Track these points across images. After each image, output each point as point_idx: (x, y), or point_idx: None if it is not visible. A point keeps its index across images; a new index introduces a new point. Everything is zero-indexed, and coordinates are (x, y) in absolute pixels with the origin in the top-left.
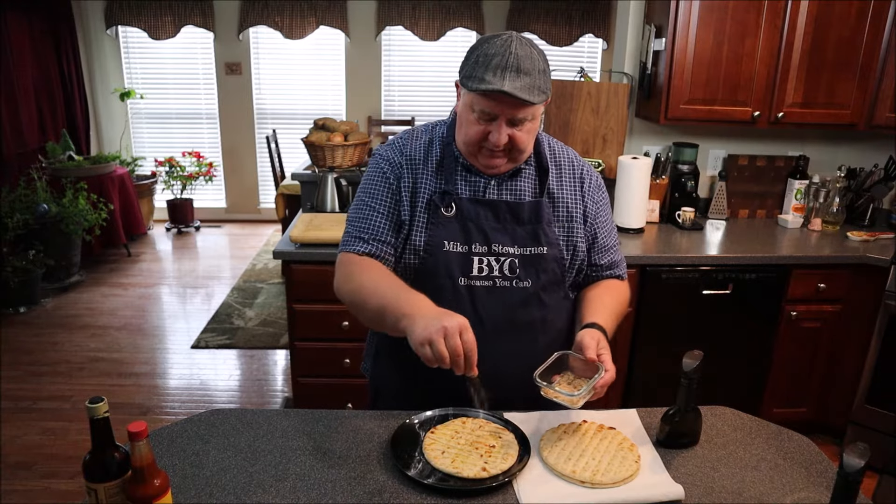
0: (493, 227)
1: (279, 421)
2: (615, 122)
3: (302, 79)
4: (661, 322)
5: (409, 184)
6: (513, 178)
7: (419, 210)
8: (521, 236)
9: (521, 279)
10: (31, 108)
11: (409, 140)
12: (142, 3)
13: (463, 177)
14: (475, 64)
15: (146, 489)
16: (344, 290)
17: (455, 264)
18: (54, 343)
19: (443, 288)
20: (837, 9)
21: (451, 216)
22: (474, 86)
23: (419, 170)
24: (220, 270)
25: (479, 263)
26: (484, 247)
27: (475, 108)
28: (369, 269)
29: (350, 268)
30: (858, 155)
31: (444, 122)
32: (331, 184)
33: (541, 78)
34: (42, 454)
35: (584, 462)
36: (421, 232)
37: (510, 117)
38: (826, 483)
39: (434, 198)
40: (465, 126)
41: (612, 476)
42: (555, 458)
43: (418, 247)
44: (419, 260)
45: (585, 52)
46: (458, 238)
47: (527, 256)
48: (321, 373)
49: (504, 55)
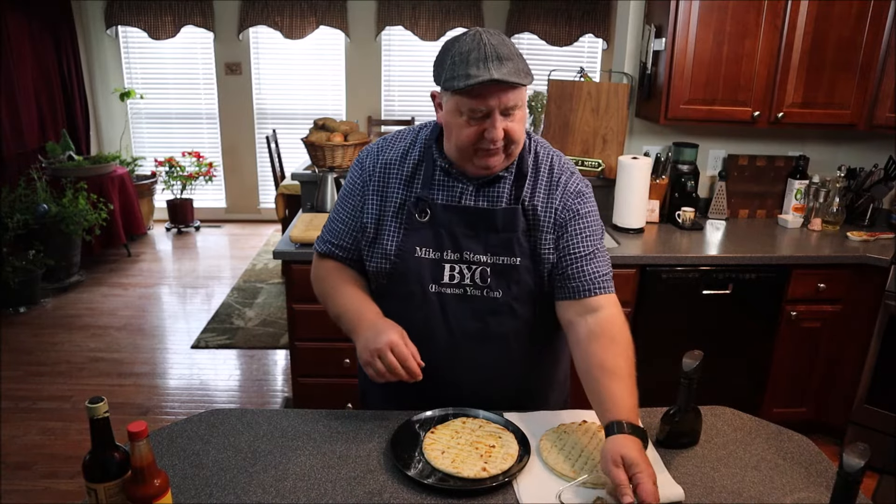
0: (465, 234)
1: (279, 421)
2: (615, 122)
3: (302, 79)
4: (661, 322)
5: (378, 188)
6: (491, 185)
7: (389, 215)
8: (493, 245)
9: (492, 289)
10: (31, 108)
11: (391, 142)
12: (142, 3)
13: (441, 182)
14: (453, 65)
15: (146, 489)
16: (314, 288)
17: (426, 270)
18: (54, 343)
19: (413, 294)
20: (837, 9)
21: (424, 222)
22: (461, 84)
23: (392, 174)
24: (220, 270)
25: (450, 271)
26: (455, 254)
27: (464, 111)
28: (330, 274)
29: (316, 270)
30: (858, 155)
31: (428, 124)
32: (331, 184)
33: (520, 61)
34: (42, 454)
35: (584, 462)
36: (392, 237)
37: (503, 108)
38: (826, 483)
39: (408, 203)
40: (455, 132)
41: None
42: (555, 458)
43: (389, 251)
44: (390, 265)
45: (585, 52)
46: (430, 244)
47: (498, 266)
48: (321, 373)
49: (479, 48)
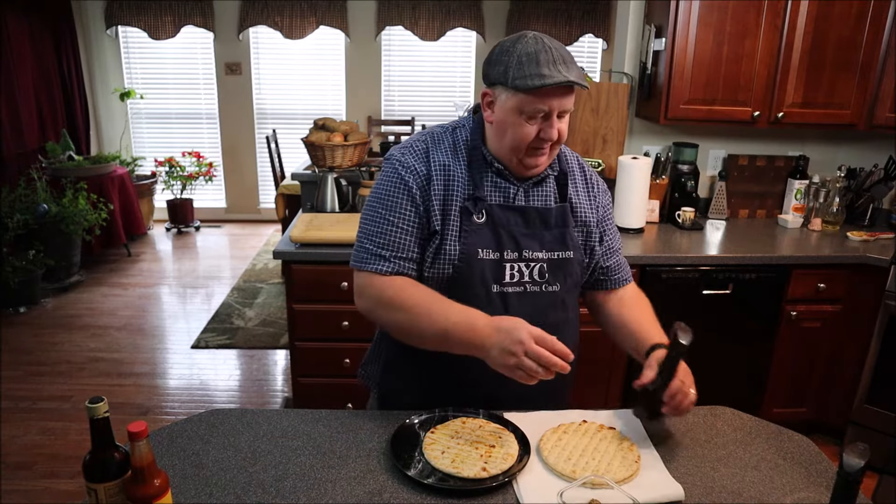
0: (523, 234)
1: (279, 421)
2: (615, 122)
3: (302, 79)
4: (661, 322)
5: (440, 192)
6: (538, 186)
7: (452, 218)
8: (548, 241)
9: (549, 283)
10: (31, 108)
11: (433, 145)
12: (142, 3)
13: (493, 183)
14: (520, 65)
15: (146, 489)
16: (384, 317)
17: (488, 272)
18: (54, 343)
19: (476, 297)
20: (837, 9)
21: (482, 223)
22: (536, 83)
23: (451, 176)
24: (220, 270)
25: (510, 270)
26: (515, 253)
27: (525, 110)
28: (407, 291)
29: (383, 292)
30: (858, 155)
31: (460, 125)
32: (331, 184)
33: (577, 66)
34: (42, 454)
35: (584, 462)
36: (455, 240)
37: (562, 109)
38: (826, 483)
39: (467, 204)
40: (511, 130)
41: (612, 476)
42: (555, 459)
43: (452, 256)
44: (453, 269)
45: (585, 52)
46: (491, 245)
47: (554, 261)
48: (321, 373)
49: (546, 51)
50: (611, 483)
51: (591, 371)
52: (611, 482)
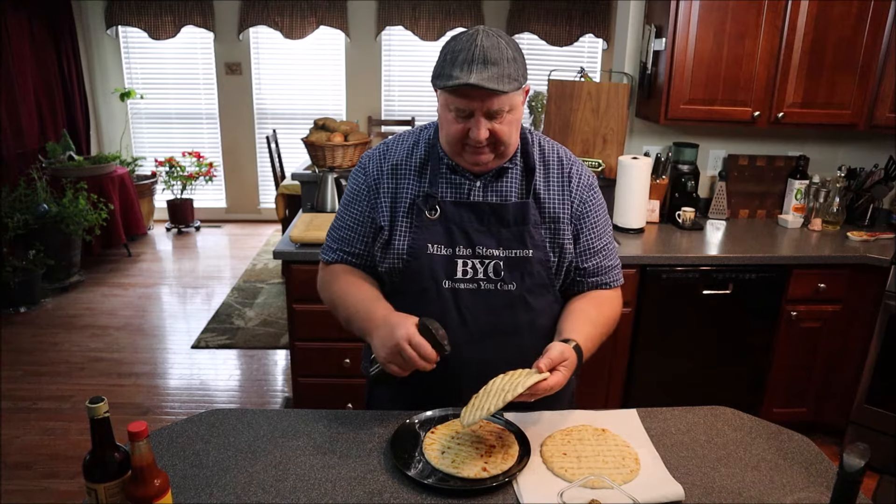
0: (476, 230)
1: (279, 421)
2: (615, 122)
3: (302, 79)
4: (661, 322)
5: (390, 189)
6: (498, 179)
7: (401, 214)
8: (505, 238)
9: (505, 282)
10: (31, 108)
11: (395, 144)
12: (142, 3)
13: (448, 179)
14: (443, 63)
15: (146, 489)
16: (322, 296)
17: (439, 267)
18: (54, 343)
19: (427, 291)
20: (837, 9)
21: (434, 219)
22: (442, 83)
23: (401, 174)
24: (221, 270)
25: (463, 266)
26: (468, 249)
27: (451, 107)
28: (338, 278)
29: (323, 276)
30: (858, 155)
31: (433, 123)
32: (331, 184)
33: (510, 66)
34: (42, 454)
35: (584, 462)
36: (403, 236)
37: (486, 110)
38: (826, 483)
39: (417, 201)
40: (445, 126)
41: (612, 476)
42: (555, 459)
43: (401, 251)
44: (403, 263)
45: (585, 52)
46: (442, 241)
47: (512, 259)
48: (321, 373)
49: (470, 49)
50: (611, 483)
51: (592, 371)
52: (611, 482)
